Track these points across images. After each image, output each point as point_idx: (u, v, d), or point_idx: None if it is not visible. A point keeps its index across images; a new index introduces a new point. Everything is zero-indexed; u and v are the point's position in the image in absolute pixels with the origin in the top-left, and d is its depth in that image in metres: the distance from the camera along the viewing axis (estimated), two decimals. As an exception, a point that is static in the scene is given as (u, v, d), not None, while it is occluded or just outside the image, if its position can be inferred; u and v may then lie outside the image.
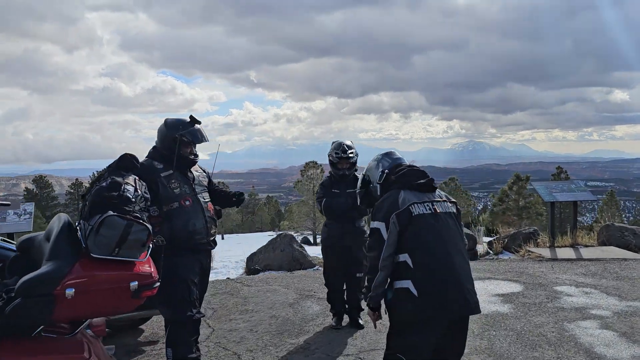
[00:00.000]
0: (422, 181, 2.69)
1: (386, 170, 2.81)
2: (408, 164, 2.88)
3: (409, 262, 2.50)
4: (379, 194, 2.82)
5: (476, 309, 2.56)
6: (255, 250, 8.63)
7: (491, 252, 9.64)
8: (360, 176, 3.07)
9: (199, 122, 3.57)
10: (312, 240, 31.38)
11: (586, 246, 8.91)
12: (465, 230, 9.28)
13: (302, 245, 9.03)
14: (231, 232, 61.03)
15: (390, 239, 2.54)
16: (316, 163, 32.50)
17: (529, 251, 8.60)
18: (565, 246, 8.91)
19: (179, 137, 3.47)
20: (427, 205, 2.61)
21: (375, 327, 2.84)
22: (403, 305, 2.50)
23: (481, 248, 9.78)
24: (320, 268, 7.81)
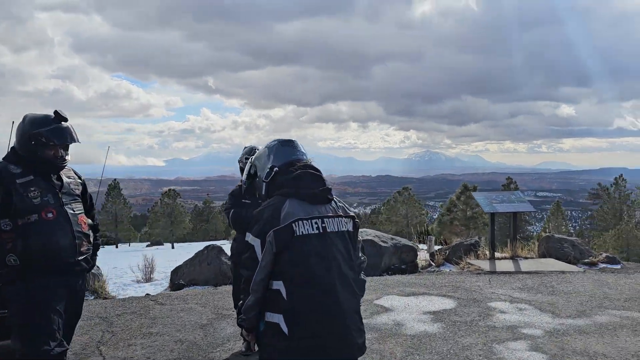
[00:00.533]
0: (315, 191, 2.18)
1: (276, 168, 2.24)
2: (305, 162, 2.31)
3: (283, 292, 2.02)
4: (263, 193, 2.29)
5: (359, 352, 2.10)
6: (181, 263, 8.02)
7: (433, 264, 9.39)
8: (247, 164, 2.45)
9: (66, 119, 2.99)
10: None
11: (526, 258, 8.78)
12: (406, 241, 8.98)
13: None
14: (183, 241, 59.46)
15: (264, 261, 2.06)
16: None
17: (469, 263, 8.37)
18: (505, 258, 8.74)
19: (37, 135, 2.89)
20: (315, 223, 2.11)
21: (252, 349, 2.33)
22: (272, 343, 2.02)
23: (425, 259, 9.51)
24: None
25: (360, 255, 2.31)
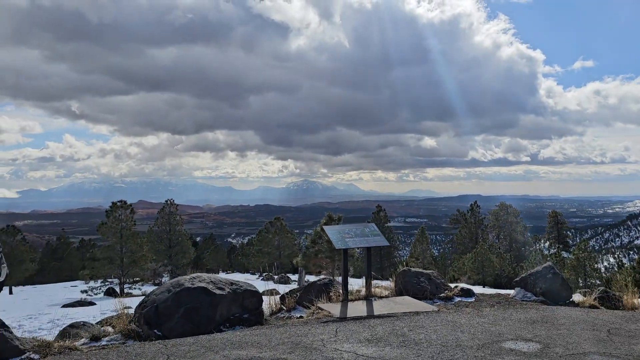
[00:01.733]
0: None
1: None
2: None
3: None
4: None
5: None
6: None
7: (284, 308, 8.25)
8: None
9: None
10: (118, 290, 27.44)
11: (381, 297, 8.02)
12: (248, 286, 7.73)
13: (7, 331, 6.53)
14: (27, 283, 51.97)
15: None
16: (125, 202, 28.89)
17: (320, 308, 7.36)
18: (360, 299, 7.90)
19: None
20: None
21: None
22: None
23: (276, 302, 8.32)
24: (33, 356, 5.51)
25: None
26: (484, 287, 33.32)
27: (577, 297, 9.14)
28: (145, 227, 47.63)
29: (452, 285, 9.40)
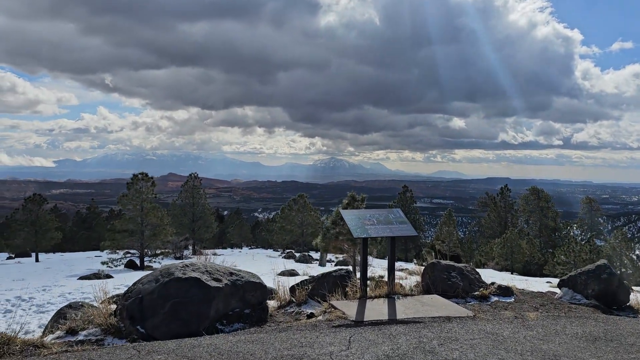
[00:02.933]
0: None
1: None
2: None
3: None
4: None
5: None
6: None
7: (294, 301, 7.23)
8: None
9: None
10: (138, 263, 27.09)
11: (405, 295, 6.89)
12: (250, 276, 6.68)
13: None
14: (56, 250, 52.72)
15: None
16: (146, 175, 28.33)
17: (333, 307, 6.29)
18: (381, 296, 6.79)
19: None
20: None
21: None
22: None
23: (284, 296, 7.30)
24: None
25: None
26: (512, 273, 31.87)
27: (634, 298, 7.85)
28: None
29: (488, 282, 8.19)
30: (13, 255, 47.92)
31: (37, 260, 36.12)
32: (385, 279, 8.22)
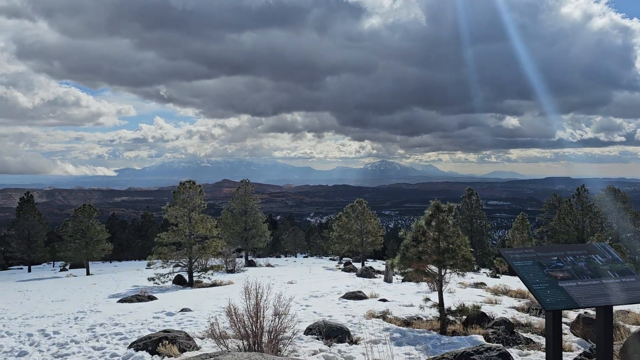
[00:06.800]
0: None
1: None
2: None
3: None
4: None
5: None
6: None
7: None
8: None
9: None
10: (186, 279, 25.10)
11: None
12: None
13: None
14: (113, 259, 52.25)
15: None
16: (194, 183, 26.29)
17: None
18: None
19: None
20: None
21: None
22: None
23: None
24: None
25: None
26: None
27: None
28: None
29: None
30: (67, 267, 47.68)
31: (87, 273, 35.12)
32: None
